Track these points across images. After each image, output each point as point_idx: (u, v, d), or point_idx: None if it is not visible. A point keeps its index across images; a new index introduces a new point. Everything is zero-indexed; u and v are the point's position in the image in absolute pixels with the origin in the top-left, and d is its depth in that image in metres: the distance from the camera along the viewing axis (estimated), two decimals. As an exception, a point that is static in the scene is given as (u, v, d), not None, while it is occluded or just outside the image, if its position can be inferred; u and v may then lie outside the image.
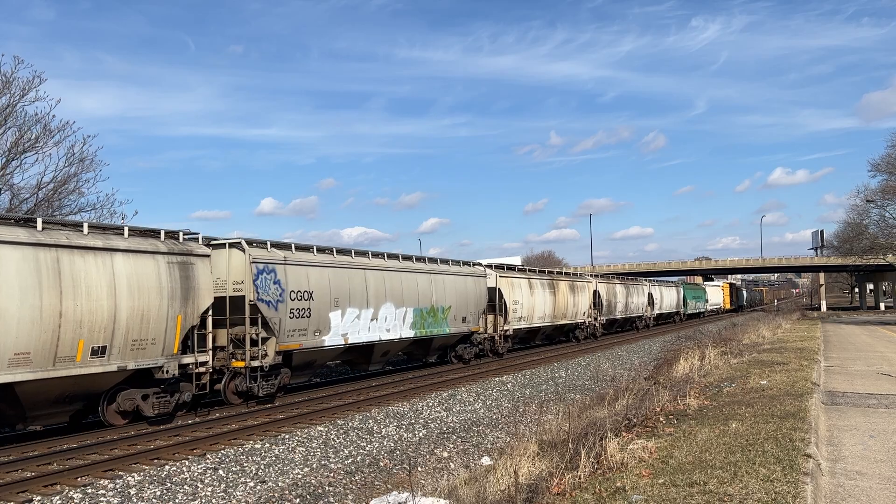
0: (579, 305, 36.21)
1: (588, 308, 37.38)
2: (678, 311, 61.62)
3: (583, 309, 36.66)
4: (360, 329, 19.31)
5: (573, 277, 37.23)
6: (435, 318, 22.96)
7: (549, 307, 32.27)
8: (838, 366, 20.06)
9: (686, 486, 6.98)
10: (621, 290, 44.51)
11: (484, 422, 16.93)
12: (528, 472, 8.58)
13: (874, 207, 54.21)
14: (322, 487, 11.15)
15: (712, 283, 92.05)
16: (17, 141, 25.76)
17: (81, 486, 10.03)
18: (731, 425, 10.13)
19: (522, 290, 29.84)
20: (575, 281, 36.60)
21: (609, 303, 41.41)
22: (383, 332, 20.35)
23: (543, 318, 31.82)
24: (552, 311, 32.71)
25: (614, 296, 43.00)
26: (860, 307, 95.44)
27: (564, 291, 34.49)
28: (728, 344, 24.93)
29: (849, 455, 8.93)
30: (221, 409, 16.04)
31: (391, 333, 20.73)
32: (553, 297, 32.69)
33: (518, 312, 29.25)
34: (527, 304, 30.04)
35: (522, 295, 29.70)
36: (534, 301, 30.75)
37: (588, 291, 37.74)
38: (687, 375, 17.24)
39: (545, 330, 33.28)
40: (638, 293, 48.59)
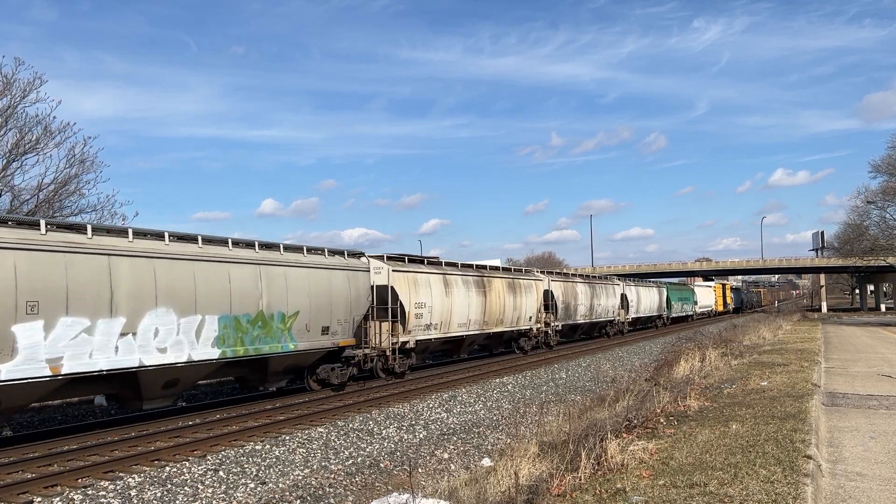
0: (523, 309, 29.75)
1: (537, 312, 31.29)
2: (660, 314, 55.40)
3: (528, 313, 30.37)
4: (95, 350, 12.33)
5: (514, 274, 30.22)
6: (267, 328, 16.04)
7: (476, 311, 25.77)
8: (839, 367, 20.05)
9: (686, 487, 6.98)
10: (584, 291, 38.03)
11: (484, 423, 16.93)
12: (529, 474, 8.58)
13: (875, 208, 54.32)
14: (322, 489, 11.15)
15: (703, 283, 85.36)
16: (18, 142, 25.78)
17: (82, 487, 10.03)
18: (732, 426, 10.13)
19: (432, 289, 23.36)
20: (517, 278, 29.87)
21: (567, 305, 35.16)
22: (150, 352, 13.29)
23: (467, 325, 25.22)
24: (481, 316, 26.24)
25: (574, 297, 36.38)
26: (861, 308, 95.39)
27: (500, 291, 27.89)
28: (728, 345, 24.91)
29: (849, 456, 8.93)
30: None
31: (168, 355, 13.65)
32: (483, 299, 26.27)
33: (425, 318, 22.89)
34: (440, 308, 23.68)
35: (432, 296, 23.37)
36: (451, 304, 24.37)
37: (537, 292, 31.43)
38: (687, 376, 17.23)
39: (472, 340, 26.81)
40: (607, 294, 42.03)
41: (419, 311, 22.55)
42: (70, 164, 26.98)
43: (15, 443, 12.70)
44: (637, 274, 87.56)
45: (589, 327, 40.37)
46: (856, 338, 34.32)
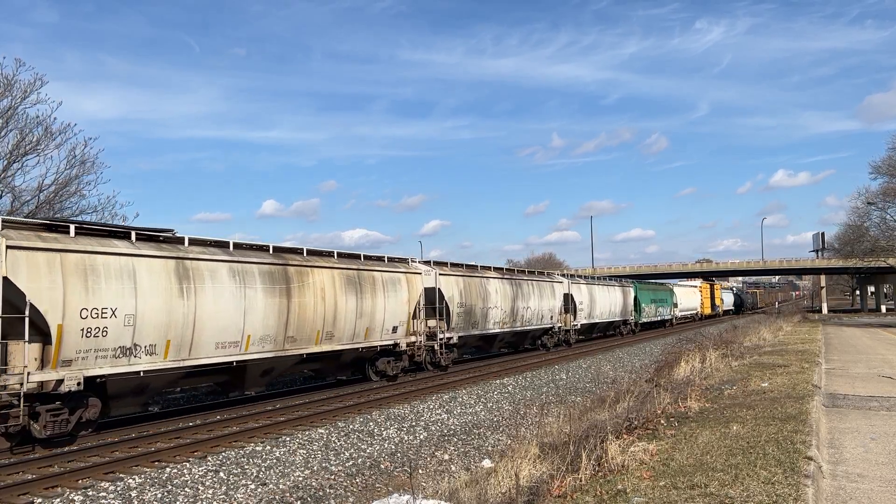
0: (382, 314, 19.91)
1: (407, 317, 21.25)
2: (625, 319, 46.17)
3: (391, 321, 20.38)
4: None
5: (371, 263, 20.37)
6: None
7: (273, 320, 15.90)
8: (839, 368, 20.05)
9: (687, 488, 6.98)
10: (500, 289, 27.57)
11: (485, 424, 16.92)
12: (529, 475, 8.57)
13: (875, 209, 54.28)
14: (323, 490, 11.15)
15: (686, 283, 75.08)
16: (19, 143, 25.82)
17: (82, 488, 10.03)
18: (732, 427, 10.12)
19: (124, 283, 12.64)
20: (374, 270, 20.01)
21: (470, 309, 24.96)
22: None
23: (263, 341, 15.63)
24: (278, 330, 16.07)
25: (483, 298, 26.04)
26: (861, 309, 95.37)
27: (308, 287, 17.15)
28: (729, 346, 24.90)
29: (850, 457, 8.92)
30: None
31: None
32: (283, 301, 16.22)
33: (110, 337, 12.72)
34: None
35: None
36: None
37: (411, 289, 21.44)
38: (688, 378, 17.22)
39: (266, 365, 16.21)
40: (541, 294, 31.95)
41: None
42: (70, 165, 27.06)
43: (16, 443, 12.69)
44: (637, 275, 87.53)
45: (514, 336, 30.49)
46: (856, 339, 34.31)
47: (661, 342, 39.88)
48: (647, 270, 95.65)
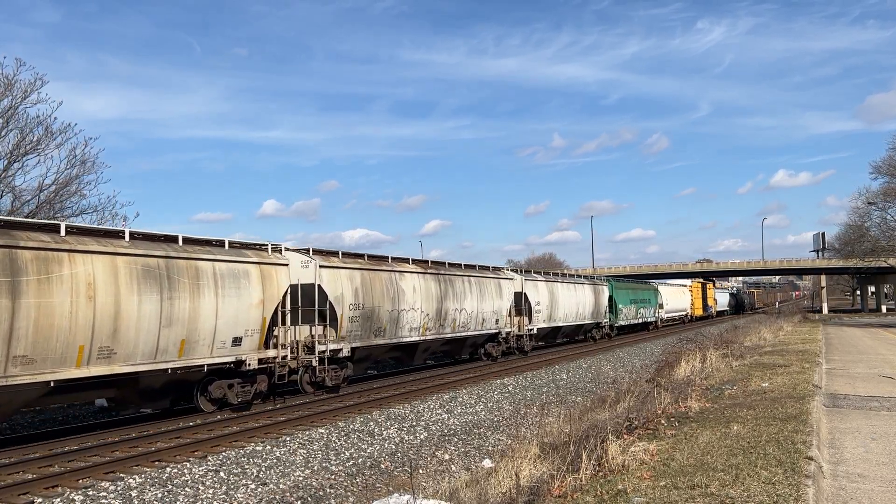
0: (212, 321, 14.56)
1: (260, 325, 15.80)
2: (598, 322, 40.55)
3: (231, 330, 15.02)
4: None
5: (194, 249, 14.72)
6: None
7: None
8: (840, 368, 20.04)
9: (687, 488, 6.98)
10: (421, 287, 22.57)
11: (485, 424, 16.92)
12: (530, 475, 8.57)
13: (875, 210, 54.35)
14: (323, 489, 11.15)
15: (675, 282, 68.92)
16: (19, 143, 25.82)
17: (83, 487, 10.03)
18: (733, 427, 10.12)
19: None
20: (198, 258, 14.56)
21: (372, 312, 20.06)
22: None
23: None
24: None
25: (394, 297, 21.03)
26: (861, 310, 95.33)
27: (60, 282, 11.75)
28: (729, 346, 24.91)
29: (850, 457, 8.92)
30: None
31: None
32: (5, 303, 10.83)
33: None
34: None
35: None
36: None
37: (268, 285, 16.07)
38: (688, 378, 17.21)
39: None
40: (483, 293, 26.55)
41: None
42: (71, 164, 27.05)
43: (16, 443, 12.71)
44: (637, 275, 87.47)
45: (446, 345, 25.14)
46: (857, 339, 34.30)
47: (637, 348, 37.73)
48: (648, 270, 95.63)
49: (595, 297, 40.12)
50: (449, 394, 19.53)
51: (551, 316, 33.51)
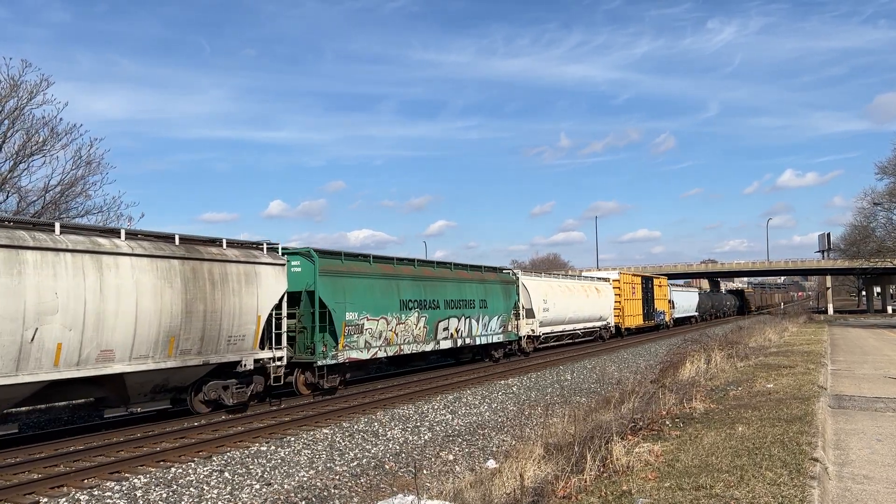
0: None
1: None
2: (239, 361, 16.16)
3: None
4: None
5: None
6: None
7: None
8: (845, 369, 19.98)
9: (692, 489, 6.96)
10: None
11: (489, 425, 16.92)
12: (534, 475, 8.57)
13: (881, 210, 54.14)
14: (327, 490, 11.15)
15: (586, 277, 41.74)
16: (25, 144, 25.91)
17: (88, 487, 10.06)
18: (738, 429, 10.10)
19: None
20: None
21: None
22: None
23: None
24: None
25: None
26: (867, 310, 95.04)
27: None
28: (734, 347, 24.85)
29: (856, 459, 8.89)
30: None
31: None
32: None
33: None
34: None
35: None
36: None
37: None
38: (693, 379, 17.18)
39: None
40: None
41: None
42: (76, 165, 27.13)
43: (21, 443, 12.75)
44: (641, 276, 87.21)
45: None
46: (862, 340, 34.19)
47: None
48: (653, 271, 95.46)
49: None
50: (453, 394, 19.52)
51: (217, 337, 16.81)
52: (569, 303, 35.06)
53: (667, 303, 55.12)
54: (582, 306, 36.72)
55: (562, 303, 34.02)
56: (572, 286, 36.48)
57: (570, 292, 35.63)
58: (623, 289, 43.68)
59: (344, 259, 19.76)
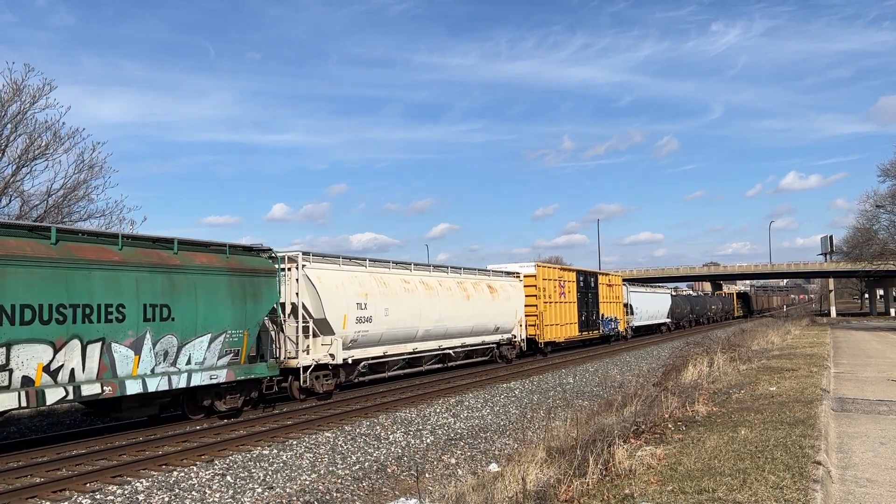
0: None
1: None
2: None
3: None
4: None
5: None
6: None
7: None
8: (848, 372, 19.93)
9: (695, 492, 6.95)
10: None
11: (491, 428, 16.90)
12: (536, 479, 8.55)
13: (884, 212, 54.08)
14: (330, 493, 11.15)
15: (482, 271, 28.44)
16: (27, 148, 25.95)
17: (90, 491, 10.06)
18: (741, 432, 10.08)
19: None
20: None
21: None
22: None
23: None
24: None
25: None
26: (870, 313, 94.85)
27: None
28: (737, 350, 24.81)
29: (859, 462, 8.87)
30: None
31: None
32: None
33: None
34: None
35: None
36: None
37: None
38: (695, 381, 17.15)
39: None
40: None
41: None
42: (79, 169, 27.14)
43: (23, 447, 12.75)
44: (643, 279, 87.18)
45: None
46: (865, 342, 34.12)
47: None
48: (655, 274, 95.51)
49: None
50: (455, 398, 19.50)
51: None
52: (421, 307, 22.15)
53: (621, 307, 43.14)
54: (454, 313, 23.95)
55: (402, 308, 21.23)
56: (430, 282, 23.15)
57: (423, 293, 22.41)
58: (544, 288, 31.54)
59: None
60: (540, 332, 31.21)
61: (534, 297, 30.88)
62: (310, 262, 18.68)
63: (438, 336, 23.56)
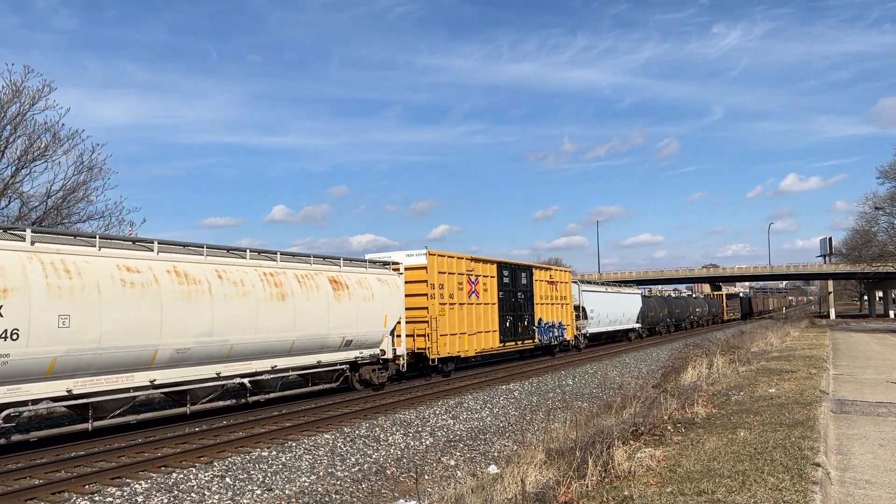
0: None
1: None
2: None
3: None
4: None
5: None
6: None
7: None
8: (847, 374, 19.94)
9: (694, 494, 6.95)
10: None
11: (491, 430, 16.90)
12: (535, 481, 8.55)
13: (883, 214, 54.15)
14: (329, 495, 11.14)
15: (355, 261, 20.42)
16: (27, 149, 25.96)
17: (89, 493, 10.06)
18: (740, 433, 10.08)
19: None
20: None
21: None
22: None
23: None
24: None
25: None
26: (869, 315, 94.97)
27: None
28: (736, 352, 24.83)
29: (858, 464, 8.87)
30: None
31: None
32: None
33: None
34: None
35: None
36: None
37: None
38: (695, 383, 17.15)
39: None
40: None
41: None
42: (78, 170, 27.15)
43: (22, 448, 12.73)
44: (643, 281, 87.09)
45: None
46: (864, 344, 34.13)
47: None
48: (654, 276, 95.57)
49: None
50: (454, 399, 19.50)
51: None
52: (167, 313, 13.72)
53: (569, 310, 35.10)
54: (250, 320, 15.70)
55: (113, 315, 12.81)
56: (195, 273, 14.56)
57: (173, 289, 13.89)
58: (440, 284, 23.58)
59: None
60: (431, 343, 22.65)
61: (424, 297, 22.90)
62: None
63: (213, 357, 15.06)
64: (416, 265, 23.12)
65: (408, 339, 22.04)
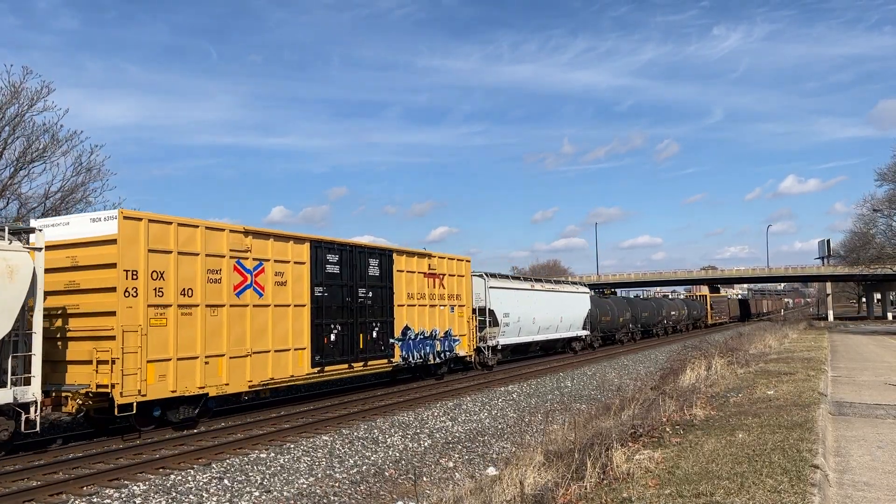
0: None
1: None
2: None
3: None
4: None
5: None
6: None
7: None
8: (846, 376, 19.95)
9: (692, 496, 6.95)
10: None
11: (489, 431, 16.89)
12: (534, 483, 8.55)
13: (881, 217, 54.17)
14: (327, 497, 11.13)
15: None
16: (25, 150, 25.98)
17: (87, 494, 10.04)
18: (738, 436, 10.08)
19: None
20: None
21: None
22: None
23: None
24: None
25: None
26: (868, 317, 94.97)
27: None
28: (735, 354, 24.84)
29: (857, 466, 8.88)
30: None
31: None
32: None
33: None
34: None
35: None
36: None
37: None
38: (693, 385, 17.15)
39: None
40: None
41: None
42: (77, 172, 27.18)
43: (20, 450, 12.72)
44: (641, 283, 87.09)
45: None
46: (862, 346, 34.16)
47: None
48: (653, 278, 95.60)
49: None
50: (453, 401, 19.49)
51: None
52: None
53: (466, 314, 25.76)
54: None
55: None
56: None
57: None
58: (161, 272, 14.03)
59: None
60: (120, 379, 12.95)
61: (111, 294, 13.30)
62: None
63: None
64: (88, 238, 13.73)
65: (73, 369, 13.31)
